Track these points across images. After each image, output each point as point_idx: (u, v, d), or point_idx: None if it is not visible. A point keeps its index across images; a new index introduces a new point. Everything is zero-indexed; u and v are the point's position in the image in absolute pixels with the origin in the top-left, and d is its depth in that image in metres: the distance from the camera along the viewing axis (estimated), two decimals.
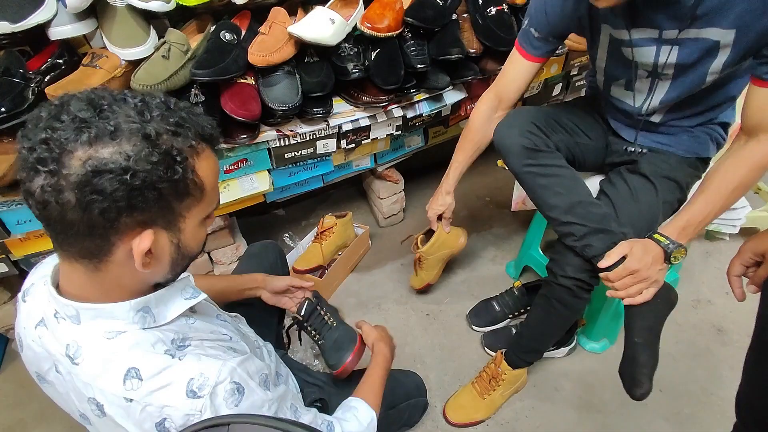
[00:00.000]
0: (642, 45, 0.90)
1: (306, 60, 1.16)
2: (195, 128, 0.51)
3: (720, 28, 0.81)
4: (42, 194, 0.45)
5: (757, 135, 0.86)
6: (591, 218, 0.95)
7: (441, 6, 1.19)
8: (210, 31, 1.08)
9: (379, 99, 1.21)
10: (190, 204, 0.52)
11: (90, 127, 0.45)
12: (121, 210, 0.46)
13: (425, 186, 1.99)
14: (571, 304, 1.04)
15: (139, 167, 0.45)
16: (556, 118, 1.08)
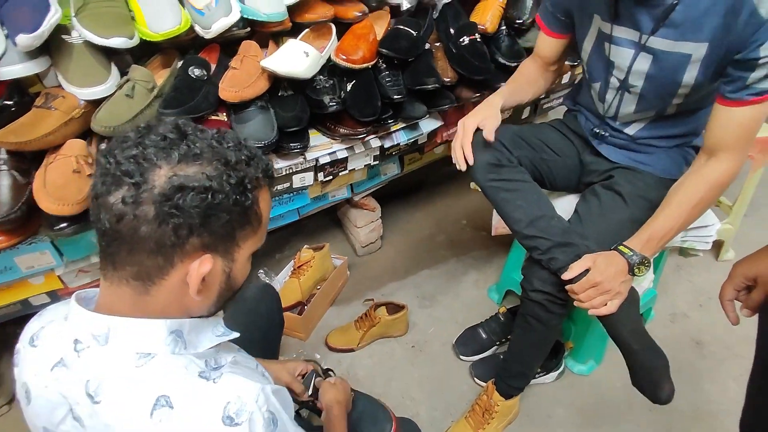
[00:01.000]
0: (621, 45, 0.93)
1: (280, 94, 1.12)
2: (261, 163, 0.55)
3: (692, 41, 0.84)
4: (121, 206, 0.47)
5: (717, 154, 0.89)
6: (553, 232, 0.97)
7: (415, 36, 1.19)
8: (177, 67, 1.03)
9: (357, 131, 1.19)
10: (247, 234, 0.54)
11: (178, 147, 0.48)
12: (193, 228, 0.48)
13: (402, 212, 1.97)
14: (546, 320, 1.05)
15: (218, 188, 0.49)
16: (522, 136, 1.10)
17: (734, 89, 0.83)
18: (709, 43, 0.83)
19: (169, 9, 0.96)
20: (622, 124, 1.05)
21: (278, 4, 1.03)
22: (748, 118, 0.85)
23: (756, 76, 0.80)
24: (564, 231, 0.99)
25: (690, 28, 0.84)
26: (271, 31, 1.08)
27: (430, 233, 1.90)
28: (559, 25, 1.06)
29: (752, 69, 0.80)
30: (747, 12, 0.77)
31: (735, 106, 0.84)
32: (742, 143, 0.87)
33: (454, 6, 1.30)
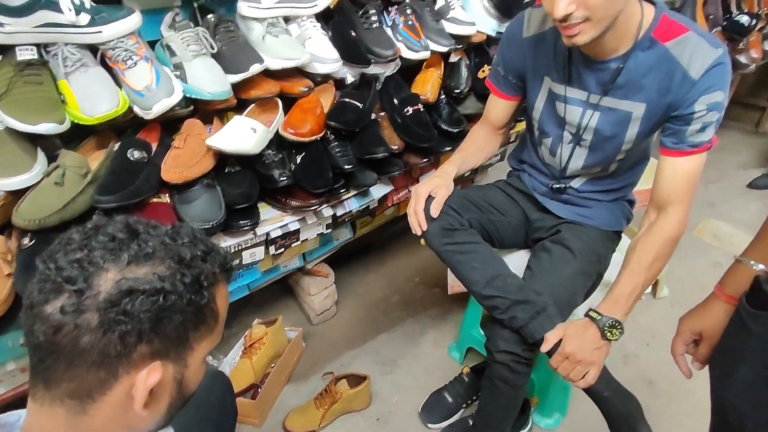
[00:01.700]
0: (572, 103, 1.01)
1: (227, 170, 1.09)
2: (218, 258, 0.52)
3: (633, 101, 0.94)
4: (59, 316, 0.43)
5: (666, 208, 0.96)
6: (510, 290, 0.99)
7: (361, 109, 1.22)
8: (114, 150, 0.97)
9: (309, 203, 1.17)
10: (202, 335, 0.51)
11: (128, 248, 0.46)
12: (142, 334, 0.45)
13: (355, 274, 1.93)
14: (513, 381, 1.04)
15: (171, 288, 0.46)
16: (470, 199, 1.14)
17: (676, 141, 0.92)
18: (647, 104, 0.93)
19: (105, 91, 0.91)
20: (569, 178, 1.12)
21: (222, 83, 1.02)
22: (690, 168, 0.93)
23: (693, 129, 0.90)
24: (520, 288, 1.01)
25: (631, 89, 0.93)
26: (215, 108, 1.06)
27: (384, 294, 1.87)
28: (511, 87, 1.13)
29: (689, 123, 0.89)
30: (680, 75, 0.88)
31: (677, 156, 0.93)
32: (687, 194, 0.95)
33: (396, 78, 1.36)
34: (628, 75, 0.92)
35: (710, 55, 0.85)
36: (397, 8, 1.29)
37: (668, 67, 0.89)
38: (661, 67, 0.89)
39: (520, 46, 1.05)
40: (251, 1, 1.08)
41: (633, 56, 0.91)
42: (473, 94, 1.46)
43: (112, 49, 0.93)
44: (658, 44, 0.89)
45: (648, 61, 0.90)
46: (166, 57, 1.04)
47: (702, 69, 0.85)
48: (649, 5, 0.91)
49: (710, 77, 0.86)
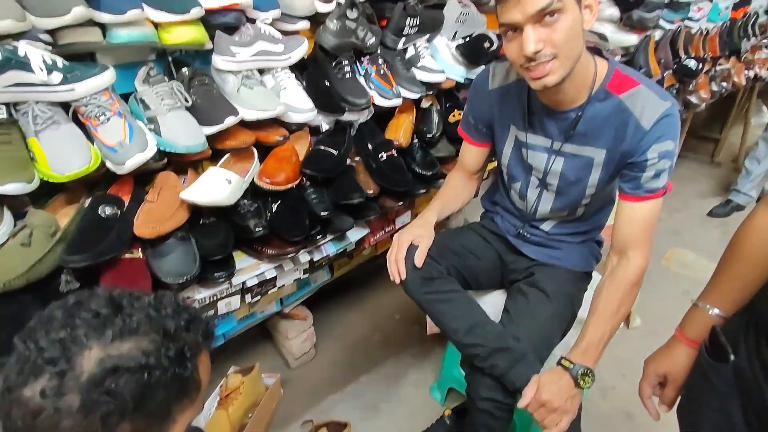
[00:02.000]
0: (536, 150, 1.05)
1: (202, 222, 1.08)
2: (200, 325, 0.52)
3: (594, 147, 0.99)
4: (39, 400, 0.42)
5: (626, 253, 1.00)
6: (489, 338, 1.01)
7: (336, 156, 1.24)
8: (84, 206, 0.95)
9: (286, 251, 1.16)
10: (185, 406, 0.50)
11: (112, 324, 0.45)
12: (125, 413, 0.44)
13: (334, 314, 1.91)
14: (495, 427, 1.05)
15: (155, 364, 0.45)
16: (447, 245, 1.16)
17: (633, 186, 0.97)
18: (607, 150, 0.98)
19: (76, 148, 0.90)
20: (539, 221, 1.16)
21: (197, 135, 1.02)
22: (646, 212, 0.98)
23: (647, 176, 0.95)
24: (499, 336, 1.02)
25: (591, 137, 0.99)
26: (190, 159, 1.06)
27: (364, 334, 1.85)
28: (481, 135, 1.18)
29: (643, 170, 0.95)
30: (633, 124, 0.93)
31: (634, 201, 0.97)
32: (645, 238, 0.99)
33: (370, 124, 1.39)
34: (587, 124, 0.98)
35: (659, 107, 0.92)
36: (369, 58, 1.34)
37: (623, 117, 0.95)
38: (616, 116, 0.95)
39: (486, 98, 1.11)
40: (226, 55, 1.10)
41: (590, 106, 0.97)
42: (445, 138, 1.51)
43: (84, 105, 0.93)
44: (612, 96, 0.96)
45: (604, 111, 0.96)
46: (140, 110, 1.04)
47: (652, 120, 0.92)
48: (602, 60, 0.98)
49: (660, 127, 0.92)
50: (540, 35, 0.83)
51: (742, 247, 0.72)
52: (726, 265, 0.74)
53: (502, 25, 0.87)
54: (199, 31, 1.03)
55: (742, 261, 0.71)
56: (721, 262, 0.76)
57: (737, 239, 0.73)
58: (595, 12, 0.89)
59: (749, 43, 2.37)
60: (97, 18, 0.92)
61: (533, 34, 0.83)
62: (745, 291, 0.69)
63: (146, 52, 1.08)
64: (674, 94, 2.00)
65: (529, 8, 0.81)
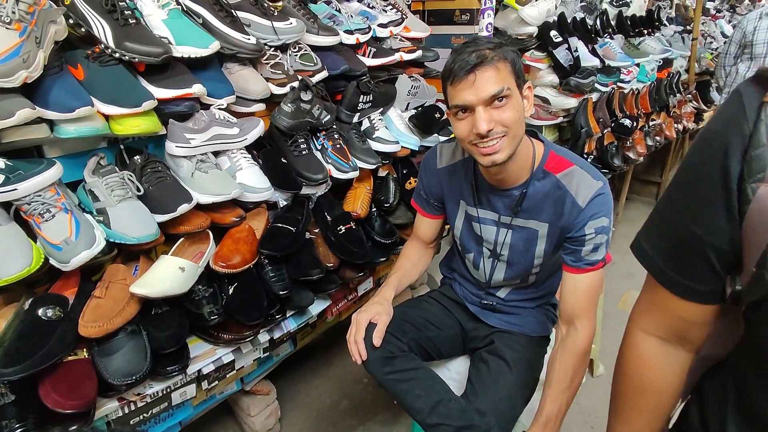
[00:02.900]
0: (486, 223, 1.10)
1: (153, 312, 1.04)
2: None
3: (538, 221, 1.05)
4: None
5: (574, 323, 1.04)
6: (453, 415, 1.01)
7: (294, 232, 1.24)
8: (24, 308, 0.90)
9: (243, 335, 1.13)
10: None
11: None
12: None
13: (299, 380, 1.85)
14: None
15: None
16: (407, 319, 1.17)
17: (574, 260, 1.02)
18: (549, 224, 1.04)
19: (17, 250, 0.86)
20: (495, 288, 1.20)
21: (149, 225, 1.01)
22: (589, 284, 1.02)
23: (587, 250, 1.00)
24: (463, 412, 1.02)
25: (534, 211, 1.05)
26: (142, 249, 1.04)
27: (332, 401, 1.79)
28: (434, 208, 1.22)
29: (582, 244, 1.00)
30: (569, 202, 1.00)
31: (577, 273, 1.02)
32: (590, 308, 1.04)
33: (328, 196, 1.41)
34: (530, 201, 1.04)
35: (593, 186, 0.99)
36: (325, 134, 1.38)
37: (560, 195, 1.01)
38: (555, 194, 1.02)
39: (436, 175, 1.16)
40: (179, 142, 1.10)
41: (531, 185, 1.03)
42: (403, 205, 1.55)
43: (28, 203, 0.90)
44: (550, 175, 1.03)
45: (544, 189, 1.03)
46: (89, 201, 1.02)
47: (587, 198, 0.98)
48: (539, 142, 1.06)
49: (594, 205, 0.98)
50: (491, 116, 0.90)
51: (639, 381, 0.64)
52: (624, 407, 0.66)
53: (453, 106, 0.94)
54: (152, 121, 1.04)
55: (644, 394, 0.64)
56: (616, 410, 0.68)
57: (628, 376, 0.66)
58: (531, 101, 0.99)
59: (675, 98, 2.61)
60: (45, 116, 0.91)
61: (485, 114, 0.90)
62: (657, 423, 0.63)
63: (96, 141, 1.07)
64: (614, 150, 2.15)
65: (482, 93, 0.89)
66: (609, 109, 2.18)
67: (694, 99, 2.84)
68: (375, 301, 1.12)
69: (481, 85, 0.89)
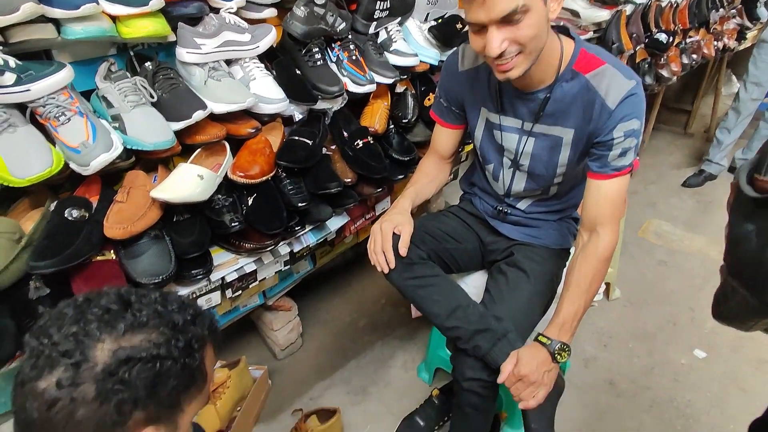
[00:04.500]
0: (508, 131, 1.06)
1: (175, 219, 1.06)
2: (206, 320, 0.54)
3: (563, 126, 1.00)
4: (55, 391, 0.43)
5: (596, 230, 1.02)
6: (471, 319, 1.03)
7: (311, 145, 1.22)
8: (50, 210, 0.92)
9: (264, 244, 1.15)
10: (192, 396, 0.52)
11: (123, 318, 0.47)
12: (137, 402, 0.46)
13: (320, 302, 1.92)
14: (481, 406, 1.08)
15: (166, 354, 0.47)
16: (426, 230, 1.16)
17: (600, 165, 0.98)
18: (575, 130, 0.99)
19: (36, 151, 0.87)
20: (515, 200, 1.17)
21: (165, 132, 1.00)
22: (614, 190, 0.99)
23: (614, 154, 0.96)
24: (480, 317, 1.04)
25: (560, 117, 0.99)
26: (159, 157, 1.03)
27: (351, 319, 1.87)
28: (454, 117, 1.18)
29: (610, 149, 0.96)
30: (599, 104, 0.94)
31: (602, 179, 0.99)
32: (614, 215, 1.01)
33: (344, 112, 1.37)
34: (555, 104, 0.98)
35: (624, 86, 0.92)
36: (341, 44, 1.31)
37: (589, 97, 0.95)
38: (583, 96, 0.96)
39: (457, 79, 1.10)
40: (190, 47, 1.06)
41: (558, 87, 0.97)
42: (421, 122, 1.50)
43: (42, 106, 0.89)
44: (579, 75, 0.96)
45: (572, 91, 0.97)
46: (103, 108, 1.01)
47: (617, 99, 0.92)
48: (569, 39, 0.98)
49: (625, 107, 0.93)
50: (505, 35, 0.83)
51: None
52: None
53: (468, 22, 0.86)
54: (160, 23, 0.99)
55: None
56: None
57: None
58: (560, 3, 0.89)
59: (717, 14, 2.40)
60: (49, 14, 0.88)
61: (498, 34, 0.82)
62: None
63: (106, 47, 1.04)
64: (646, 68, 2.02)
65: (493, 14, 0.80)
66: (644, 24, 2.01)
67: (738, 15, 2.60)
68: (395, 211, 1.11)
69: (493, 3, 0.79)
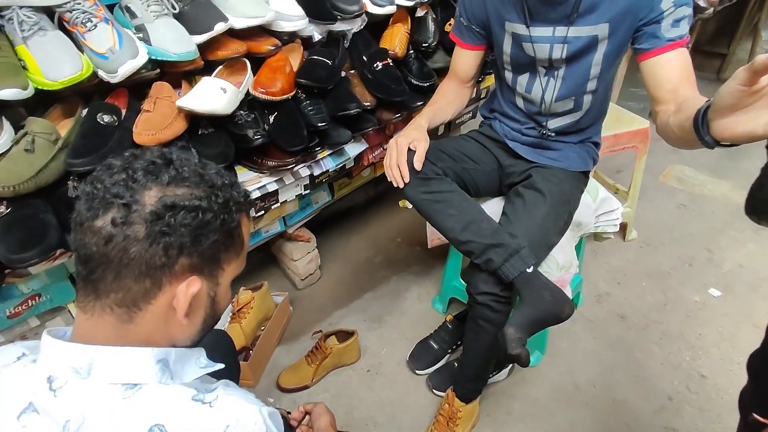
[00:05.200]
0: (539, 42, 1.03)
1: (200, 132, 1.08)
2: (241, 189, 0.57)
3: (597, 24, 0.96)
4: (110, 227, 0.47)
5: (678, 92, 0.90)
6: (484, 234, 1.03)
7: (330, 65, 1.22)
8: (82, 115, 0.95)
9: (286, 162, 1.18)
10: (230, 257, 0.55)
11: (167, 171, 0.50)
12: (183, 247, 0.49)
13: (337, 238, 1.96)
14: (495, 320, 1.09)
15: (207, 207, 0.50)
16: (442, 149, 1.17)
17: (653, 42, 0.93)
18: (609, 23, 0.96)
19: (66, 55, 0.89)
20: (548, 117, 1.14)
21: (188, 43, 1.01)
22: (678, 60, 0.92)
23: (666, 25, 0.91)
24: (494, 232, 1.05)
25: (593, 14, 0.96)
26: (182, 70, 1.05)
27: (367, 256, 1.91)
28: (475, 37, 1.15)
29: (660, 21, 0.92)
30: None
31: (659, 53, 0.93)
32: (690, 81, 0.91)
33: (363, 35, 1.35)
34: (586, 2, 0.95)
35: None
36: None
37: None
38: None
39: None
40: None
41: None
42: (441, 48, 1.47)
43: (69, 11, 0.91)
44: None
45: None
46: (126, 20, 1.02)
47: None
48: None
49: None
50: None
51: None
52: None
53: None
54: None
55: None
56: None
57: None
58: None
59: None
60: None
61: None
62: None
63: None
64: None
65: None
66: None
67: None
68: (411, 127, 1.11)
69: None
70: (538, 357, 1.50)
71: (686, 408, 1.35)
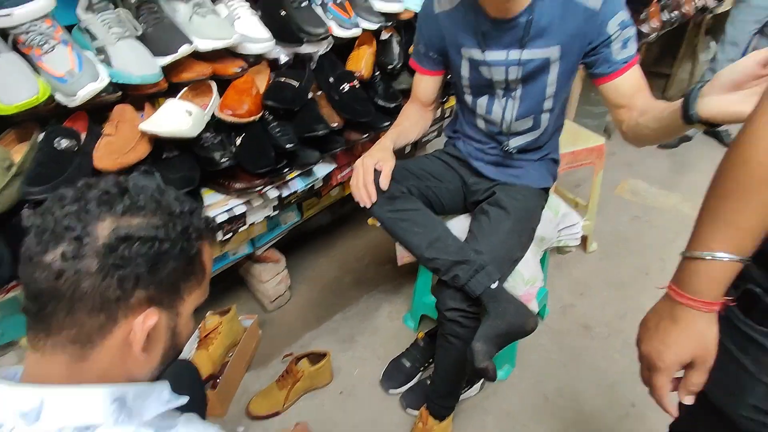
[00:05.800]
0: (495, 65, 1.07)
1: (165, 156, 1.06)
2: (202, 216, 0.55)
3: (548, 47, 1.02)
4: (60, 262, 0.45)
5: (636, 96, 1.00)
6: (450, 251, 1.06)
7: (297, 87, 1.23)
8: (38, 140, 0.91)
9: (254, 184, 1.16)
10: (191, 286, 0.54)
11: (121, 201, 0.48)
12: (139, 279, 0.47)
13: (306, 259, 1.94)
14: (464, 336, 1.11)
15: (164, 236, 0.48)
16: (407, 168, 1.20)
17: (607, 65, 1.00)
18: (560, 45, 1.01)
19: (22, 78, 0.86)
20: (510, 136, 1.18)
21: (151, 65, 0.99)
22: (633, 77, 1.00)
23: (616, 48, 0.98)
24: (460, 249, 1.08)
25: (544, 37, 1.01)
26: (146, 93, 1.03)
27: (336, 276, 1.90)
28: (433, 63, 1.19)
29: (609, 45, 0.98)
30: (581, 12, 0.96)
31: (615, 77, 1.00)
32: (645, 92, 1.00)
33: (330, 57, 1.37)
34: (538, 24, 1.00)
35: None
36: None
37: (571, 9, 0.97)
38: (565, 9, 0.98)
39: (434, 22, 1.11)
40: None
41: (538, 6, 0.98)
42: (406, 70, 1.51)
43: (25, 33, 0.88)
44: None
45: (552, 8, 0.98)
46: (86, 41, 0.99)
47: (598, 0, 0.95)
48: None
49: (608, 4, 0.96)
50: None
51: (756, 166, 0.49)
52: (730, 192, 0.52)
53: None
54: None
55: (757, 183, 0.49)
56: (716, 192, 0.55)
57: (744, 157, 0.50)
58: None
59: None
60: None
61: None
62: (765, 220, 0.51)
63: None
64: None
65: None
66: None
67: None
68: (376, 148, 1.13)
69: None
70: (508, 371, 1.52)
71: (648, 414, 1.40)
